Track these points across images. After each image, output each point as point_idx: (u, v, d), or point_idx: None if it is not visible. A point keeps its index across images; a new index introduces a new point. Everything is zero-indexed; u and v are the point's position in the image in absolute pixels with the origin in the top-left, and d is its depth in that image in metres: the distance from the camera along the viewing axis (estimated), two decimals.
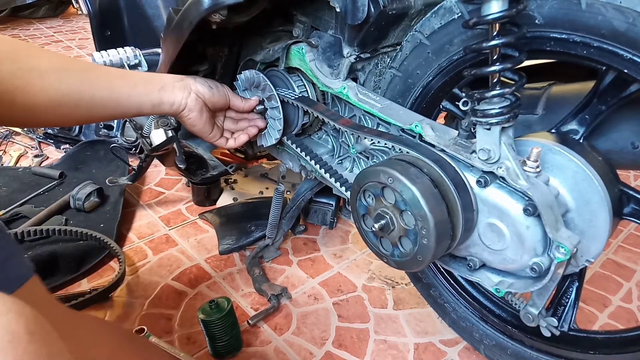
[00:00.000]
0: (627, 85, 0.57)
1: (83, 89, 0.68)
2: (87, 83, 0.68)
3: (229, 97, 0.85)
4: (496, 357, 0.81)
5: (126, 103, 0.73)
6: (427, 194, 0.58)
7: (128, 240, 1.24)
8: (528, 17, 0.56)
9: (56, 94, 0.65)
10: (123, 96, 0.72)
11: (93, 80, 0.69)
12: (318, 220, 1.28)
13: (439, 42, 0.66)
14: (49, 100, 0.64)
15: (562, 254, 0.55)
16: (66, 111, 0.68)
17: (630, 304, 1.02)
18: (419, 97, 0.72)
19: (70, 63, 0.68)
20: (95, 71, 0.71)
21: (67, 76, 0.66)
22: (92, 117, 0.73)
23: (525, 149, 0.60)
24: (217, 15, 0.70)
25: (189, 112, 0.78)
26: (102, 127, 1.67)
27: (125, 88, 0.72)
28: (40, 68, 0.63)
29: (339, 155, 0.89)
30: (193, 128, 0.82)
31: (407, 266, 0.64)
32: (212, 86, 0.81)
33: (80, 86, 0.67)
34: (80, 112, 0.69)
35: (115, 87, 0.71)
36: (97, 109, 0.71)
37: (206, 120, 0.81)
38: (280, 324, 0.97)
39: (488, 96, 0.55)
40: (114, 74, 0.73)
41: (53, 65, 0.65)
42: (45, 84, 0.63)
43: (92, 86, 0.69)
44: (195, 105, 0.78)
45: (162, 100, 0.75)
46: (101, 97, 0.70)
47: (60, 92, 0.65)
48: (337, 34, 0.77)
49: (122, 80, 0.73)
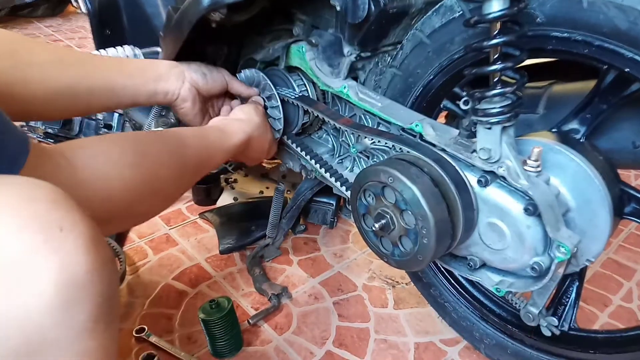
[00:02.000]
0: (629, 84, 0.57)
1: (81, 81, 0.68)
2: (84, 74, 0.68)
3: (226, 80, 0.85)
4: (496, 356, 0.81)
5: (122, 93, 0.73)
6: (428, 193, 0.58)
7: (128, 239, 1.24)
8: (529, 15, 0.56)
9: (55, 86, 0.65)
10: (119, 86, 0.72)
11: (90, 71, 0.69)
12: (318, 219, 1.28)
13: (440, 40, 0.66)
14: (47, 93, 0.64)
15: (562, 253, 0.55)
16: (65, 103, 0.68)
17: (630, 304, 1.02)
18: (420, 96, 0.72)
19: (67, 55, 0.68)
20: (92, 62, 0.71)
21: (65, 68, 0.66)
22: (89, 109, 0.74)
23: (526, 148, 0.60)
24: (217, 13, 0.70)
25: (182, 102, 0.79)
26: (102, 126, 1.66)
27: (121, 79, 0.72)
28: (38, 61, 0.63)
29: (339, 155, 0.88)
30: (185, 117, 0.83)
31: (408, 266, 0.64)
32: (206, 72, 0.82)
33: (78, 78, 0.67)
34: (78, 104, 0.70)
35: (112, 77, 0.71)
36: (94, 100, 0.71)
37: (198, 111, 0.82)
38: (281, 323, 0.97)
39: (489, 95, 0.55)
40: (111, 64, 0.73)
41: (51, 58, 0.65)
42: (45, 77, 0.64)
43: (89, 77, 0.69)
44: (189, 94, 0.79)
45: (157, 90, 0.76)
46: (99, 87, 0.70)
47: (59, 84, 0.65)
48: (338, 32, 0.76)
49: (119, 71, 0.73)
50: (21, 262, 0.32)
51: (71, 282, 0.33)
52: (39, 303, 0.32)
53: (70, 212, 0.35)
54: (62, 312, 0.33)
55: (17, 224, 0.32)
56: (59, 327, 0.33)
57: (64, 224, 0.34)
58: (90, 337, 0.36)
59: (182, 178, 0.67)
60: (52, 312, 0.32)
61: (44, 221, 0.33)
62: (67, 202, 0.36)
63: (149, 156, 0.59)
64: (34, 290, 0.32)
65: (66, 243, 0.34)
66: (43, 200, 0.34)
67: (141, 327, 0.93)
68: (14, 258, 0.32)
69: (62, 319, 0.33)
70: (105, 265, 0.37)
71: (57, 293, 0.33)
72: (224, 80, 0.84)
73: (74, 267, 0.34)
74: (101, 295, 0.36)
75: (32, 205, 0.34)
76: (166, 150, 0.63)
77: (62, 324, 0.33)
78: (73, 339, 0.34)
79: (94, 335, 0.36)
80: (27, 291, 0.32)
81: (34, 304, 0.32)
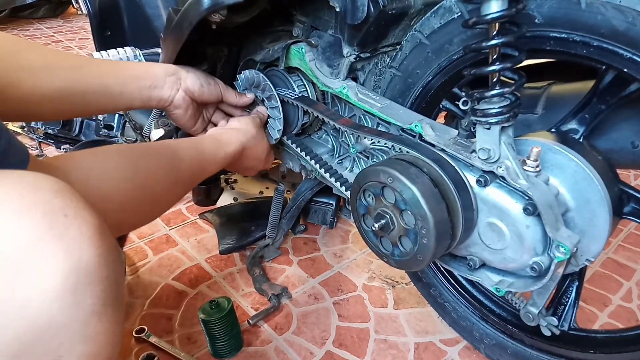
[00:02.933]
0: (627, 84, 0.57)
1: (75, 86, 0.68)
2: (78, 80, 0.69)
3: (221, 92, 0.86)
4: (496, 356, 0.81)
5: (118, 98, 0.74)
6: (427, 193, 0.58)
7: (128, 240, 1.24)
8: (528, 16, 0.56)
9: (48, 90, 0.65)
10: (115, 93, 0.73)
11: (85, 76, 0.70)
12: (318, 219, 1.28)
13: (439, 41, 0.66)
14: (41, 96, 0.65)
15: (562, 253, 0.55)
16: (58, 106, 0.68)
17: (630, 303, 1.02)
18: (419, 97, 0.72)
19: (62, 59, 0.68)
20: (87, 67, 0.71)
21: (58, 73, 0.66)
22: (85, 112, 0.75)
23: (525, 148, 0.60)
24: (217, 15, 0.70)
25: (175, 108, 0.81)
26: (102, 127, 1.67)
27: (117, 86, 0.73)
28: (31, 65, 0.63)
29: (339, 155, 0.89)
30: (177, 122, 0.85)
31: (407, 266, 0.64)
32: (204, 84, 0.82)
33: (71, 83, 0.68)
34: (72, 107, 0.71)
35: (107, 84, 0.72)
36: (89, 103, 0.72)
37: (190, 116, 0.83)
38: (281, 323, 0.97)
39: (488, 96, 0.55)
40: (106, 70, 0.73)
41: (45, 62, 0.65)
42: (37, 81, 0.64)
43: (83, 83, 0.69)
44: (182, 102, 0.80)
45: (151, 97, 0.78)
46: (93, 92, 0.71)
47: (52, 88, 0.66)
48: (337, 33, 0.77)
49: (114, 77, 0.73)
50: (27, 248, 0.32)
51: (78, 267, 0.34)
52: (46, 288, 0.32)
53: (74, 201, 0.36)
54: (70, 296, 0.33)
55: (21, 211, 0.33)
56: (67, 311, 0.34)
57: (68, 211, 0.35)
58: (100, 320, 0.36)
59: (174, 189, 0.68)
60: (60, 296, 0.33)
61: (48, 208, 0.34)
62: (70, 191, 0.37)
63: (142, 171, 0.60)
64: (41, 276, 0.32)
65: (71, 229, 0.34)
66: (47, 189, 0.35)
67: (141, 328, 0.93)
68: (20, 244, 0.32)
69: (70, 303, 0.33)
70: (110, 251, 0.37)
71: (64, 278, 0.33)
72: (219, 92, 0.86)
73: (79, 252, 0.34)
74: (108, 279, 0.36)
75: (36, 193, 0.34)
76: (160, 164, 0.64)
77: (71, 308, 0.34)
78: (82, 322, 0.35)
79: (103, 319, 0.36)
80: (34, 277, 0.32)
81: (41, 290, 0.32)
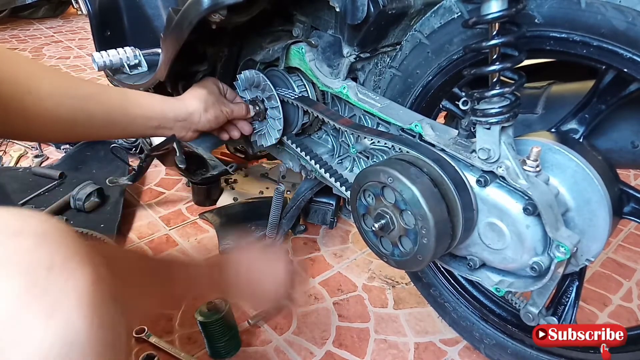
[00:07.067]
0: (627, 84, 0.57)
1: (80, 116, 0.69)
2: (84, 110, 0.70)
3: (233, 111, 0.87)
4: (496, 356, 0.81)
5: (123, 132, 0.77)
6: (427, 193, 0.58)
7: (128, 240, 1.24)
8: (527, 16, 0.56)
9: (52, 118, 0.66)
10: (120, 126, 0.75)
11: (91, 108, 0.70)
12: (318, 220, 1.28)
13: (439, 41, 0.66)
14: (45, 122, 0.66)
15: (562, 253, 0.55)
16: (63, 132, 0.70)
17: (630, 303, 1.02)
18: (419, 97, 0.72)
19: (72, 87, 0.69)
20: (96, 98, 0.71)
21: (64, 102, 0.67)
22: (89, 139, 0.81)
23: (525, 148, 0.60)
24: (217, 15, 0.70)
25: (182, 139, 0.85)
26: None
27: (123, 122, 0.74)
28: (38, 92, 0.64)
29: (339, 155, 0.89)
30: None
31: (407, 265, 0.64)
32: (215, 124, 0.84)
33: (78, 113, 0.69)
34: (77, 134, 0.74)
35: (113, 118, 0.73)
36: (93, 134, 0.74)
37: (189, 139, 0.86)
38: (281, 323, 0.97)
39: (488, 95, 0.55)
40: (115, 104, 0.74)
41: (52, 89, 0.66)
42: (42, 108, 0.64)
43: (89, 114, 0.70)
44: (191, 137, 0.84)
45: (157, 133, 0.80)
46: (98, 125, 0.72)
47: (57, 116, 0.67)
48: (337, 33, 0.77)
49: (122, 114, 0.74)
50: (1, 315, 0.26)
51: (62, 339, 0.27)
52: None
53: (62, 246, 0.30)
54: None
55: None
56: None
57: (54, 262, 0.29)
58: None
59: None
60: None
61: (28, 260, 0.28)
62: (59, 233, 0.30)
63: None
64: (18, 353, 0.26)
65: (55, 287, 0.28)
66: (29, 234, 0.29)
67: (141, 328, 0.93)
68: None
69: None
70: (104, 311, 0.30)
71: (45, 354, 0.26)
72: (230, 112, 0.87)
73: (65, 317, 0.27)
74: (101, 354, 0.29)
75: (16, 240, 0.29)
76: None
77: None
78: None
79: None
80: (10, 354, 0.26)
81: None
